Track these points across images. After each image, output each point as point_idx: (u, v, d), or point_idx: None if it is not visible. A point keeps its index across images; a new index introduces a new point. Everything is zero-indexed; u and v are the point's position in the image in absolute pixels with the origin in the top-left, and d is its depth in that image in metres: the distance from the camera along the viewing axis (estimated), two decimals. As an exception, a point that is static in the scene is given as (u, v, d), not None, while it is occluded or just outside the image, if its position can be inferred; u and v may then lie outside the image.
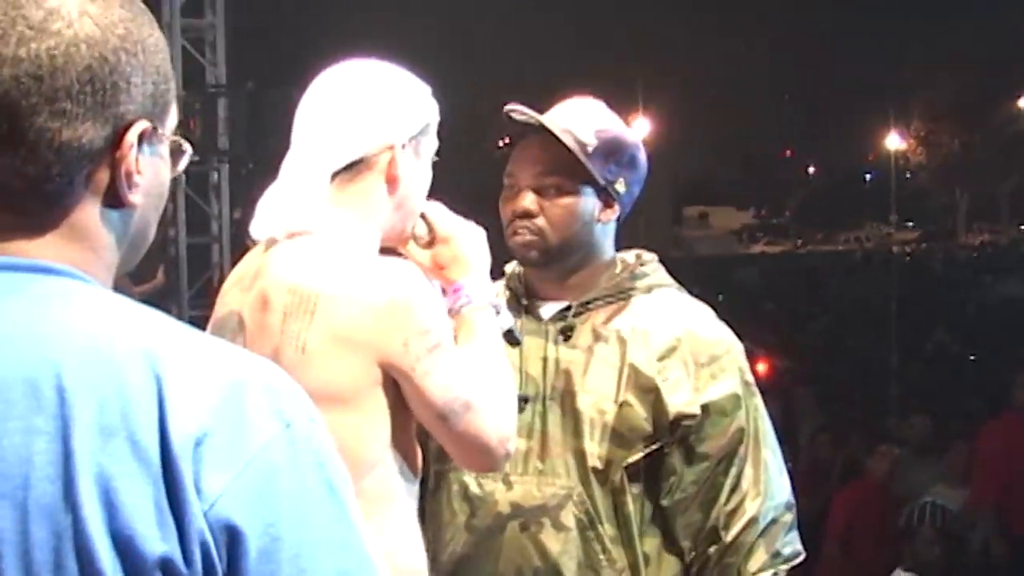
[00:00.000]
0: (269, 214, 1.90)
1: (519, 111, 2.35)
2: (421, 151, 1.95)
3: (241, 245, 2.02)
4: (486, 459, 1.92)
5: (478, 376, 1.90)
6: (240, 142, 9.17)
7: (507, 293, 2.47)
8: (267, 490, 1.04)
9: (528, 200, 2.36)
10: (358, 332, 1.78)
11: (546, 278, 2.44)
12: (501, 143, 2.48)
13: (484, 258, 2.09)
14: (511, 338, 2.17)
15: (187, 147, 1.23)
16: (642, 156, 2.44)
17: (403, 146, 1.91)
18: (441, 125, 1.99)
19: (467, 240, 2.07)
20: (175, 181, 1.26)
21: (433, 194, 2.04)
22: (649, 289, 2.43)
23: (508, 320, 2.14)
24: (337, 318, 1.78)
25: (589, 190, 2.37)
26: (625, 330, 2.37)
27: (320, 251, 1.85)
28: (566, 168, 2.34)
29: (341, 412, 1.77)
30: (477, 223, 2.12)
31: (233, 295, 1.93)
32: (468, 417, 1.86)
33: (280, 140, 1.95)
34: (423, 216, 2.05)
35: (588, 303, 2.40)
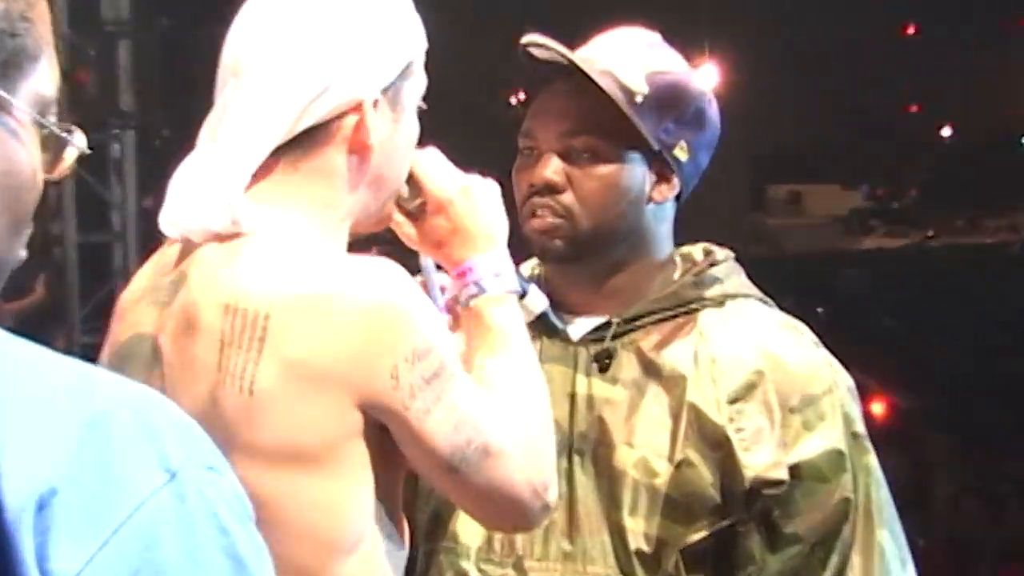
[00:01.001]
0: (185, 203, 1.85)
1: (542, 45, 2.33)
2: (402, 100, 1.92)
3: (153, 245, 2.01)
4: (517, 515, 1.92)
5: (498, 406, 1.88)
6: (151, 101, 9.21)
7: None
8: (145, 566, 1.03)
9: (551, 169, 2.34)
10: (327, 363, 1.76)
11: (575, 281, 2.42)
12: (515, 99, 2.47)
13: (498, 225, 2.06)
14: (549, 327, 2.14)
15: (74, 137, 1.23)
16: (712, 111, 2.44)
17: (375, 102, 1.86)
18: (430, 72, 1.95)
19: (471, 202, 2.04)
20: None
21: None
22: (721, 301, 2.41)
23: (541, 302, 2.11)
24: (296, 346, 1.75)
25: (637, 156, 2.36)
26: (686, 359, 2.35)
27: (266, 253, 1.81)
28: (605, 125, 2.33)
29: (308, 476, 1.77)
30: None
31: (142, 312, 1.90)
32: (488, 464, 1.84)
33: (206, 99, 1.93)
34: (409, 174, 2.01)
35: (634, 319, 2.38)
